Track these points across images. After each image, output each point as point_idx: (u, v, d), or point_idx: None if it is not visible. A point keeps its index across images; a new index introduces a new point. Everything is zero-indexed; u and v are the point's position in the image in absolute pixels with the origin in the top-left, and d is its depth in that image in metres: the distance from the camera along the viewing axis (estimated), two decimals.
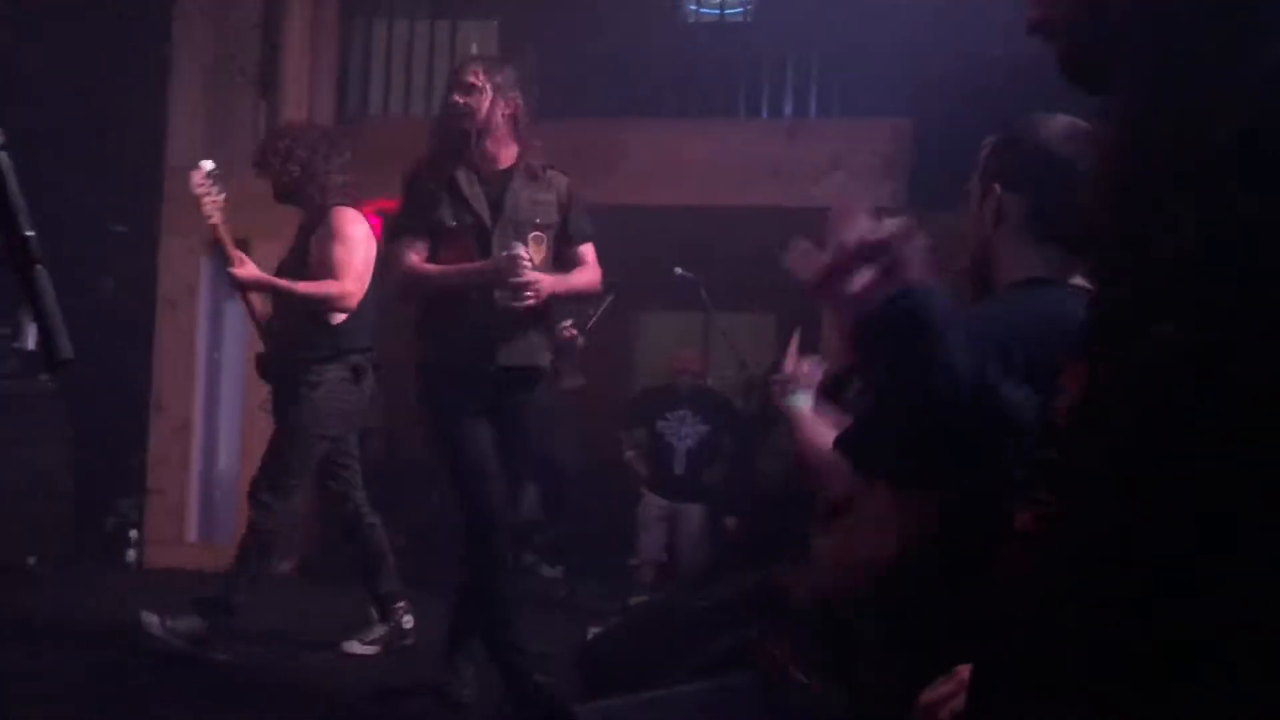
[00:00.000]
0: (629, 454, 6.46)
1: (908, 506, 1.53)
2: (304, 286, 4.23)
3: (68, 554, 6.02)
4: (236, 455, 6.31)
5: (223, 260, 4.37)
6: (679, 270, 6.29)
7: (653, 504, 6.34)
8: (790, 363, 2.51)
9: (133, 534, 6.28)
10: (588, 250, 3.92)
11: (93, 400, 5.91)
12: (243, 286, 4.24)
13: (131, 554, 6.25)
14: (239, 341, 6.37)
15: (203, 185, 4.14)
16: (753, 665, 3.16)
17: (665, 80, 7.05)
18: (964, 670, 1.28)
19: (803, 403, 2.42)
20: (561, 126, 6.93)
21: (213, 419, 6.43)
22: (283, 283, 4.25)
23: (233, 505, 6.29)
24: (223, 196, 4.18)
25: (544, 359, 3.87)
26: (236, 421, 6.34)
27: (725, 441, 6.56)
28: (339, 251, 4.22)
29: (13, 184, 1.19)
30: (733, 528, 6.38)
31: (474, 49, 7.08)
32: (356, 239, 4.27)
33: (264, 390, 5.01)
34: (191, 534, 6.32)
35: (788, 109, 7.07)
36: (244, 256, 4.22)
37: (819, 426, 2.30)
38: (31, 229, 1.19)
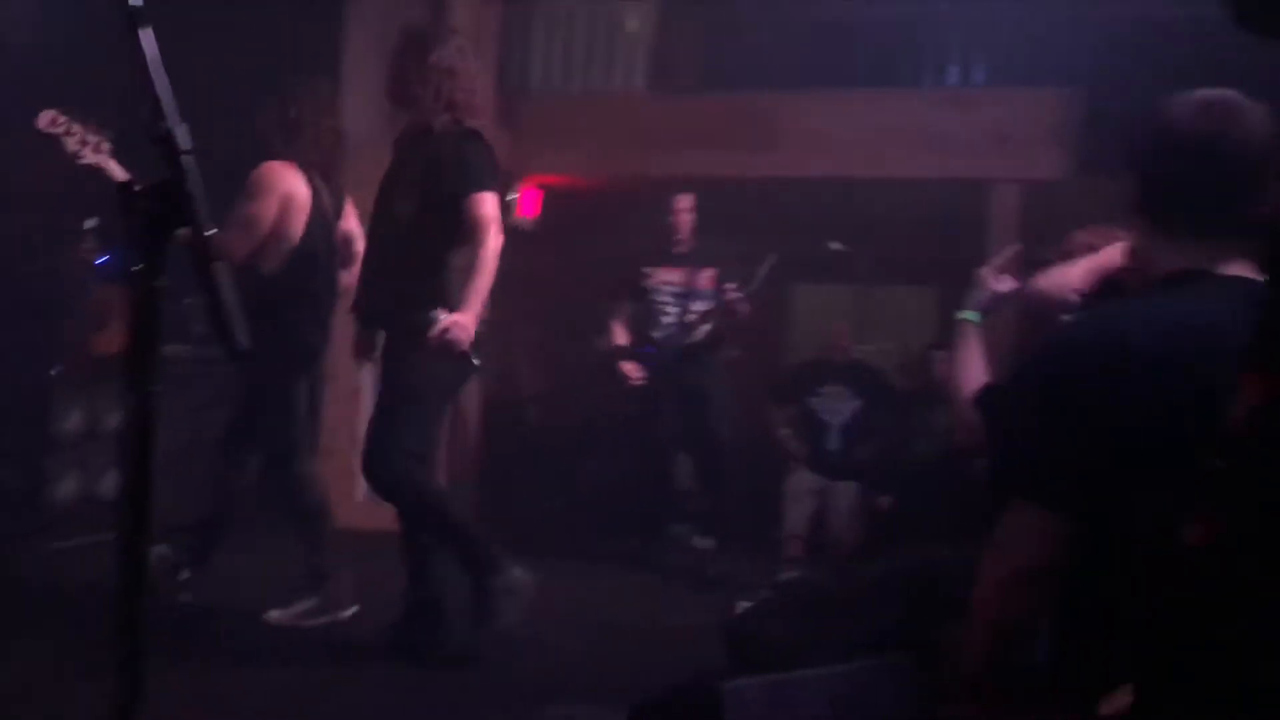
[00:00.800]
0: (782, 430, 6.41)
1: (1060, 525, 1.49)
2: None
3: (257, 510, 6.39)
4: None
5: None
6: (835, 244, 6.21)
7: (804, 479, 6.30)
8: (994, 272, 2.42)
9: None
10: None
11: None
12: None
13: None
14: None
15: (58, 125, 3.67)
16: (904, 648, 3.12)
17: (827, 51, 6.92)
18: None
19: (973, 319, 2.38)
20: (720, 99, 6.92)
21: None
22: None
23: None
24: (100, 133, 3.72)
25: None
26: None
27: (880, 418, 6.45)
28: None
29: (196, 185, 1.26)
30: (886, 507, 6.29)
31: (634, 25, 7.11)
32: None
33: None
34: (359, 494, 6.60)
35: (952, 79, 6.86)
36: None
37: (973, 353, 2.27)
38: (212, 227, 1.26)
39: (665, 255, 5.89)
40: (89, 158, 3.64)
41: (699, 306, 5.81)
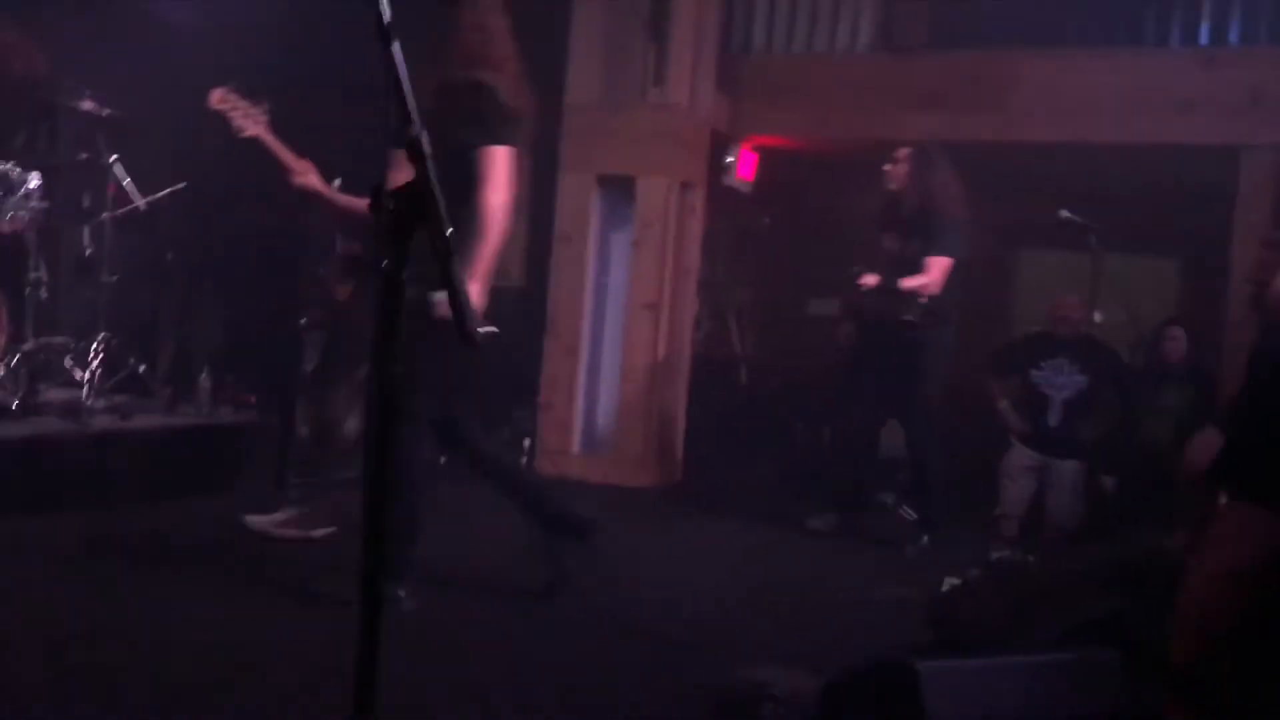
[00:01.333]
0: (1001, 403, 6.22)
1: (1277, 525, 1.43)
2: None
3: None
4: (617, 376, 6.77)
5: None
6: (1065, 213, 5.93)
7: (1021, 455, 6.09)
8: None
9: (526, 442, 6.93)
10: None
11: (497, 321, 6.53)
12: (304, 195, 4.07)
13: (525, 460, 6.90)
14: (623, 274, 6.77)
15: (225, 102, 3.98)
16: (1114, 643, 3.02)
17: (1064, 7, 6.58)
18: None
19: None
20: (949, 58, 6.71)
21: (598, 342, 6.92)
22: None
23: (613, 421, 6.78)
24: (258, 107, 3.99)
25: None
26: (618, 346, 6.79)
27: (1107, 395, 6.15)
28: None
29: (435, 186, 1.38)
30: (1109, 488, 6.03)
31: None
32: None
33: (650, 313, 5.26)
34: (576, 446, 6.87)
35: (1203, 37, 6.39)
36: (306, 165, 4.07)
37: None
38: (450, 225, 1.38)
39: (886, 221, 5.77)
40: (250, 130, 4.01)
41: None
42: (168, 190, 5.29)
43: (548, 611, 3.97)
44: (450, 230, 1.39)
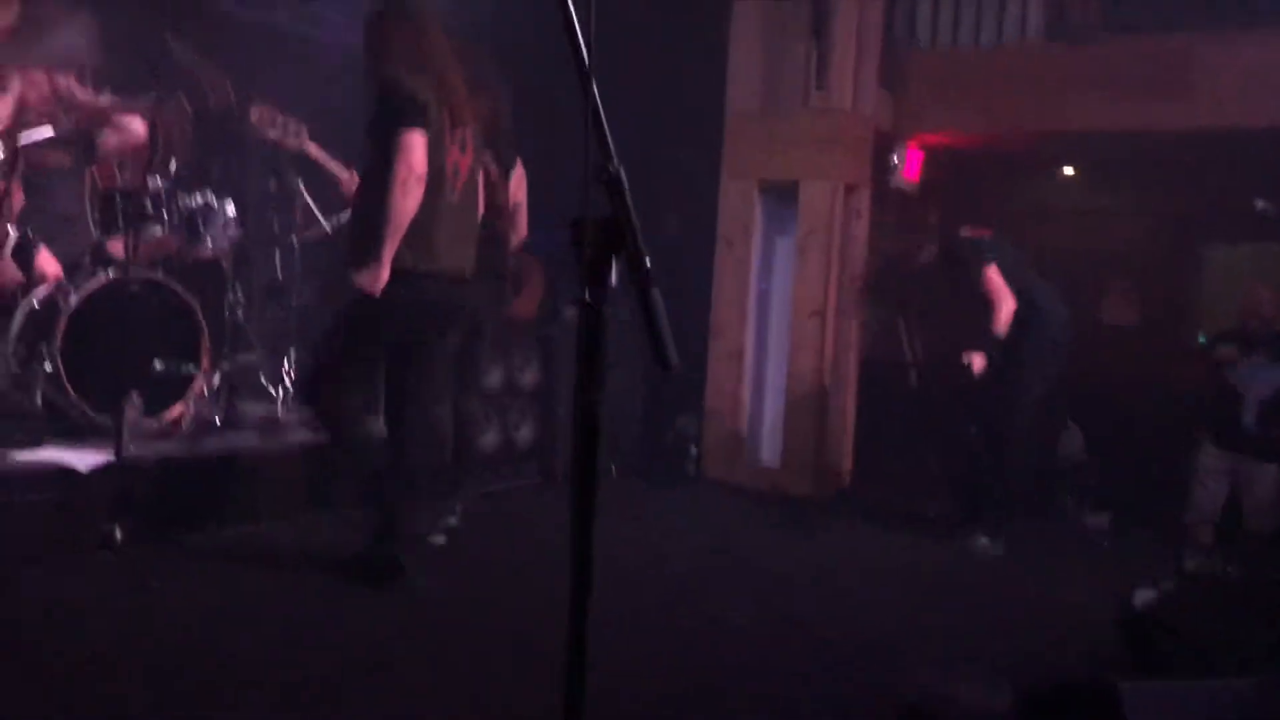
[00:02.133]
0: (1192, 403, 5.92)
1: None
2: None
3: (639, 465, 6.87)
4: (782, 382, 6.74)
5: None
6: (1261, 202, 5.61)
7: (1214, 457, 5.80)
8: None
9: (692, 449, 6.96)
10: None
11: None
12: None
13: (690, 467, 6.94)
14: (787, 279, 6.74)
15: (264, 119, 4.26)
16: None
17: None
18: None
19: None
20: (1128, 43, 6.43)
21: (762, 348, 6.90)
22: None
23: (779, 427, 6.75)
24: (298, 122, 4.32)
25: None
26: (784, 351, 6.75)
27: None
28: None
29: (634, 220, 1.41)
30: None
31: None
32: None
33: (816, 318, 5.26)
34: (742, 454, 6.87)
35: None
36: (354, 175, 4.26)
37: None
38: (648, 256, 1.41)
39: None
40: (291, 144, 4.23)
41: None
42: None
43: (735, 618, 4.01)
44: (648, 262, 1.42)
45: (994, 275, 5.37)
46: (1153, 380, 6.87)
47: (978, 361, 5.42)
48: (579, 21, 1.46)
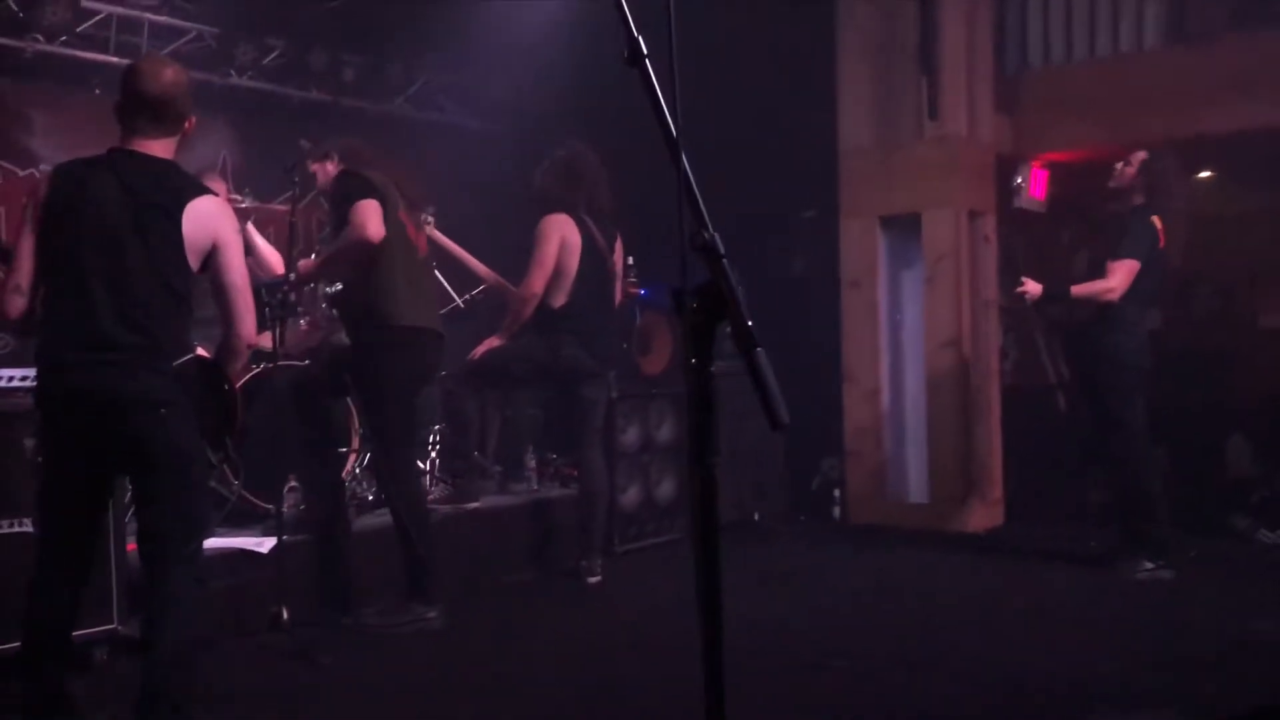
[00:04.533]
0: None
1: None
2: None
3: (785, 510, 6.82)
4: (923, 417, 6.62)
5: None
6: None
7: None
8: None
9: (836, 492, 6.89)
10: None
11: (792, 371, 6.55)
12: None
13: (836, 510, 6.86)
14: (917, 312, 6.65)
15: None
16: None
17: None
18: None
19: None
20: (1257, 40, 6.17)
21: (898, 385, 6.80)
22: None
23: (923, 464, 6.62)
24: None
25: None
26: (920, 386, 6.64)
27: None
28: None
29: (733, 282, 1.45)
30: None
31: None
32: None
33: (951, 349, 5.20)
34: (887, 492, 6.76)
35: None
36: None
37: None
38: (750, 318, 1.44)
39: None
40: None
41: None
42: (480, 289, 5.72)
43: (890, 662, 3.94)
44: (750, 323, 1.44)
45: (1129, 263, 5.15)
46: None
47: (1032, 287, 5.23)
48: (663, 91, 1.51)
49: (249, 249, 5.05)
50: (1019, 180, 6.88)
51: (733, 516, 6.29)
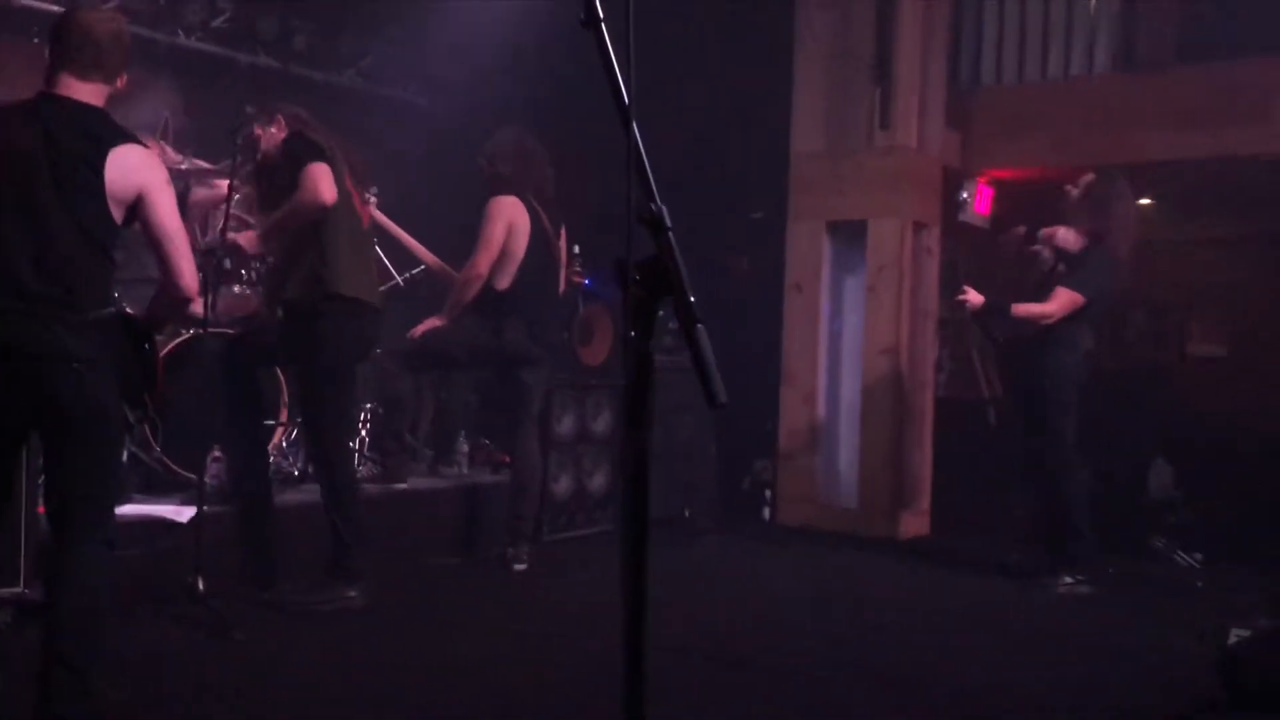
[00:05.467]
0: None
1: None
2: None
3: (715, 509, 6.83)
4: (856, 424, 6.66)
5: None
6: None
7: None
8: None
9: (767, 493, 6.91)
10: None
11: (730, 370, 6.56)
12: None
13: (767, 511, 6.88)
14: (858, 319, 6.69)
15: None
16: None
17: None
18: None
19: None
20: (1203, 70, 6.31)
21: (835, 390, 6.84)
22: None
23: (854, 470, 6.66)
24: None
25: None
26: (856, 392, 6.68)
27: None
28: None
29: (677, 258, 1.42)
30: None
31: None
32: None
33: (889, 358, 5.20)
34: (818, 495, 6.79)
35: None
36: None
37: None
38: (692, 295, 1.42)
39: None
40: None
41: None
42: (420, 268, 5.64)
43: (809, 664, 3.94)
44: (693, 300, 1.42)
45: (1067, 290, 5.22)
46: (1245, 412, 6.65)
47: (973, 297, 5.32)
48: (618, 61, 1.48)
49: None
50: (964, 195, 6.96)
51: (663, 513, 6.28)
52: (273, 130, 4.50)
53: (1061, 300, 5.18)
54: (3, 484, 2.99)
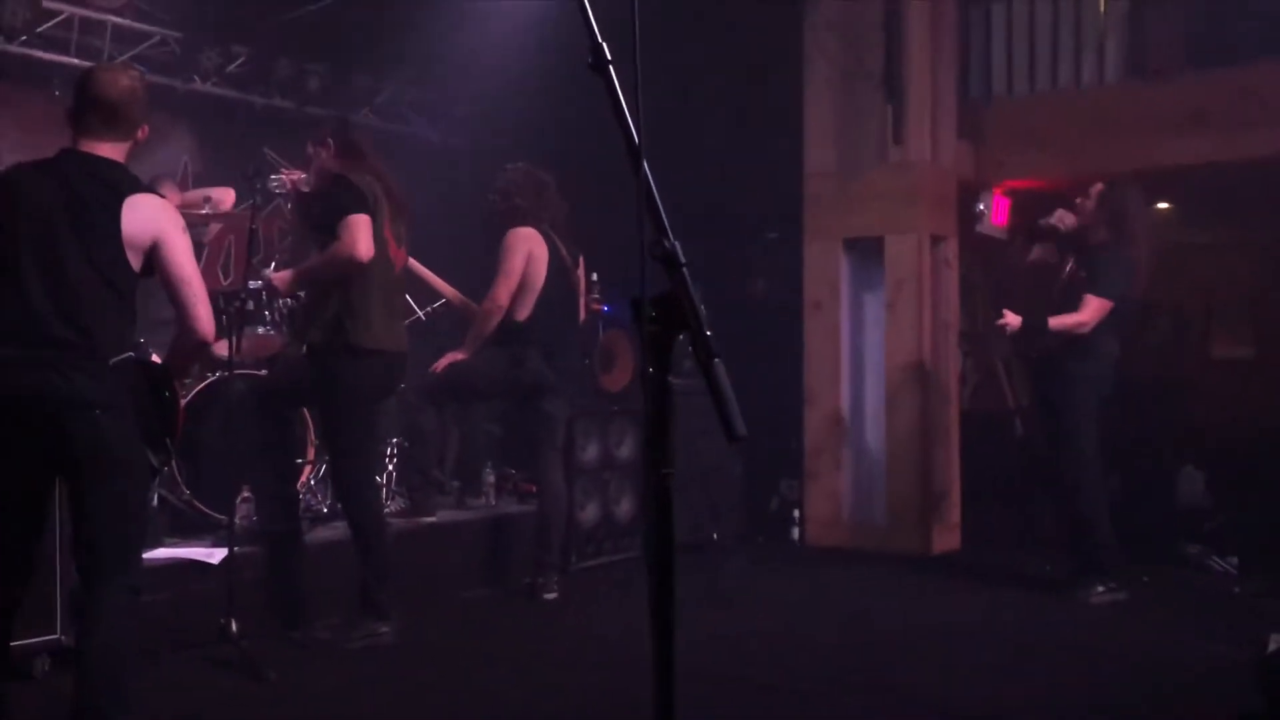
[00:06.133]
0: None
1: None
2: None
3: (743, 531, 6.81)
4: (882, 440, 6.64)
5: None
6: None
7: None
8: None
9: (795, 513, 6.89)
10: None
11: (753, 392, 6.55)
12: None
13: (795, 531, 6.85)
14: (879, 335, 6.68)
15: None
16: None
17: None
18: None
19: None
20: (1213, 75, 6.29)
21: (859, 407, 6.82)
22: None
23: (882, 487, 6.63)
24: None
25: None
26: (880, 409, 6.66)
27: None
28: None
29: (692, 293, 1.44)
30: None
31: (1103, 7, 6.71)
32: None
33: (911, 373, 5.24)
34: (846, 514, 6.77)
35: None
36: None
37: None
38: (708, 328, 1.43)
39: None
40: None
41: None
42: (441, 302, 5.68)
43: (858, 679, 3.92)
44: (709, 335, 1.43)
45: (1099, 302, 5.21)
46: (1274, 411, 6.59)
47: (1012, 319, 5.27)
48: (625, 99, 1.50)
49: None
50: (981, 207, 6.96)
51: (690, 537, 6.27)
52: (322, 152, 4.50)
53: (1094, 308, 5.17)
54: (33, 531, 3.02)
